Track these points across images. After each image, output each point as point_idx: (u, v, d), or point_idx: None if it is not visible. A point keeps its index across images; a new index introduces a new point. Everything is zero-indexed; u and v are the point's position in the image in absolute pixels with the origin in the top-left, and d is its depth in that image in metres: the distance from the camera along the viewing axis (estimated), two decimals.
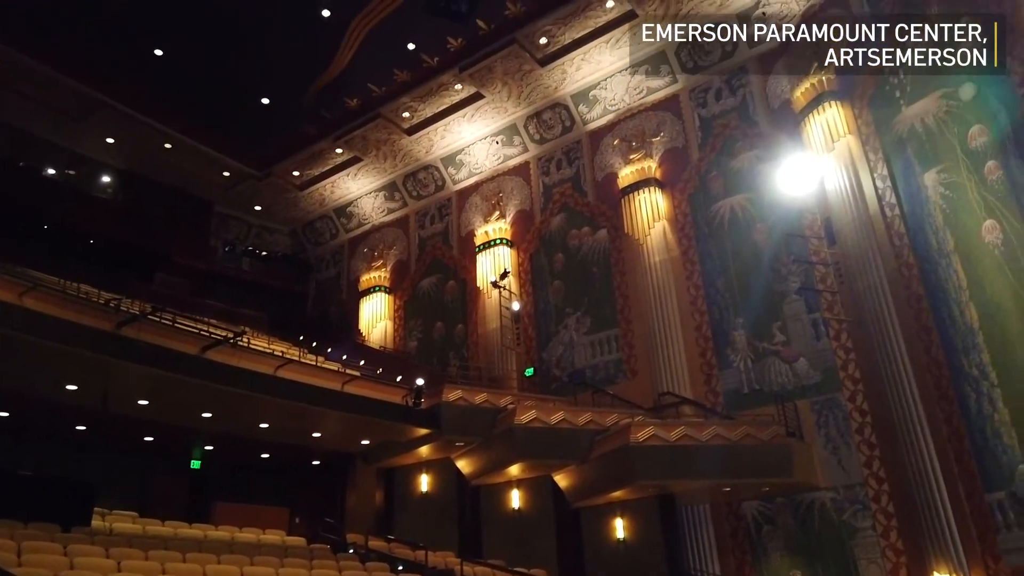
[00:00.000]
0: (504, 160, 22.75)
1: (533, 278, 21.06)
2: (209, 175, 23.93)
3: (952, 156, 12.82)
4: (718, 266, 17.51)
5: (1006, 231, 11.72)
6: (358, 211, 25.74)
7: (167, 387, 13.19)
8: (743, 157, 17.85)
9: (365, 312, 24.13)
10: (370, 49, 19.44)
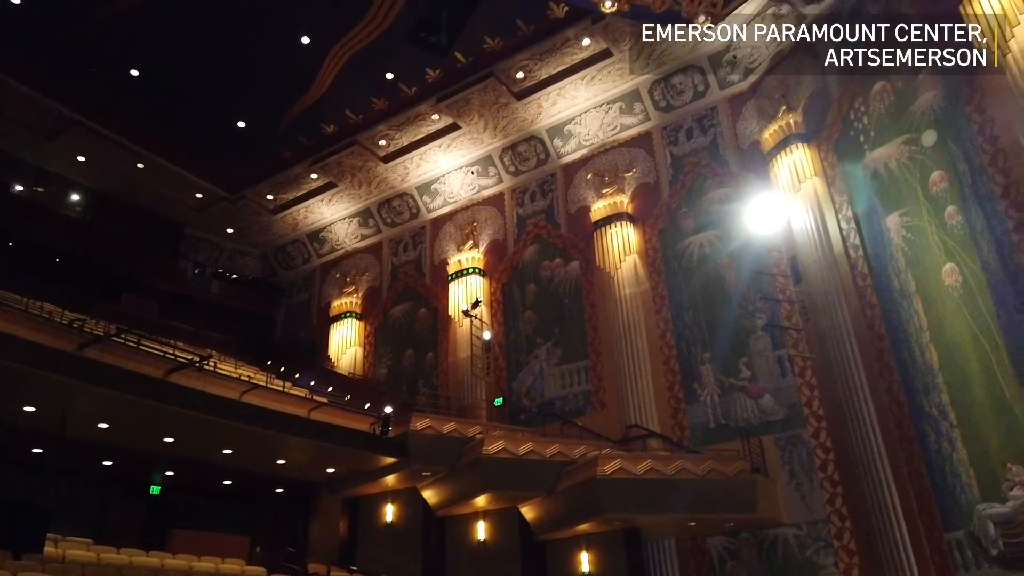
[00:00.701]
0: (479, 190, 22.93)
1: (505, 308, 21.13)
2: (181, 196, 23.78)
3: (914, 200, 13.21)
4: (687, 301, 17.74)
5: (965, 275, 12.06)
6: (331, 236, 25.70)
7: (129, 411, 12.91)
8: (713, 195, 18.21)
9: (335, 338, 23.97)
10: (349, 76, 19.57)
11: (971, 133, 12.24)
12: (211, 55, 18.51)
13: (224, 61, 18.74)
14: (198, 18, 17.43)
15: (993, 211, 11.71)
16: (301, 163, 23.03)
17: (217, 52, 18.46)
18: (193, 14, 17.29)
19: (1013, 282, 11.24)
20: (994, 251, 11.59)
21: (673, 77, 19.11)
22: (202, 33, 17.84)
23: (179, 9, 17.09)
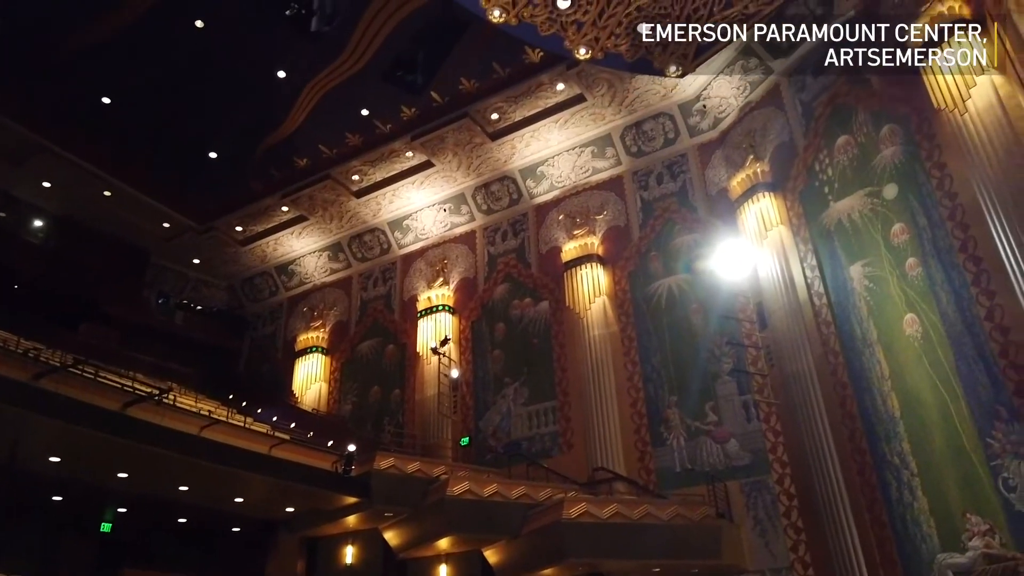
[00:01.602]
0: (451, 228, 22.99)
1: (474, 346, 21.04)
2: (148, 225, 23.45)
3: (876, 251, 13.53)
4: (655, 344, 17.84)
5: (925, 325, 12.33)
6: (300, 270, 25.49)
7: (83, 444, 12.53)
8: (681, 239, 18.47)
9: (300, 372, 23.62)
10: (323, 111, 19.61)
11: (931, 188, 12.66)
12: (186, 85, 18.44)
13: (199, 91, 18.67)
14: (174, 48, 17.41)
15: (952, 264, 12.05)
16: (272, 195, 22.92)
17: (192, 82, 18.39)
18: (170, 44, 17.27)
19: (971, 334, 11.53)
20: (953, 303, 11.90)
21: (644, 123, 19.50)
22: (178, 63, 17.80)
23: (156, 38, 17.02)
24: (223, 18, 16.80)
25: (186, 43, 17.25)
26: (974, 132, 11.49)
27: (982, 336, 11.30)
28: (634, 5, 13.07)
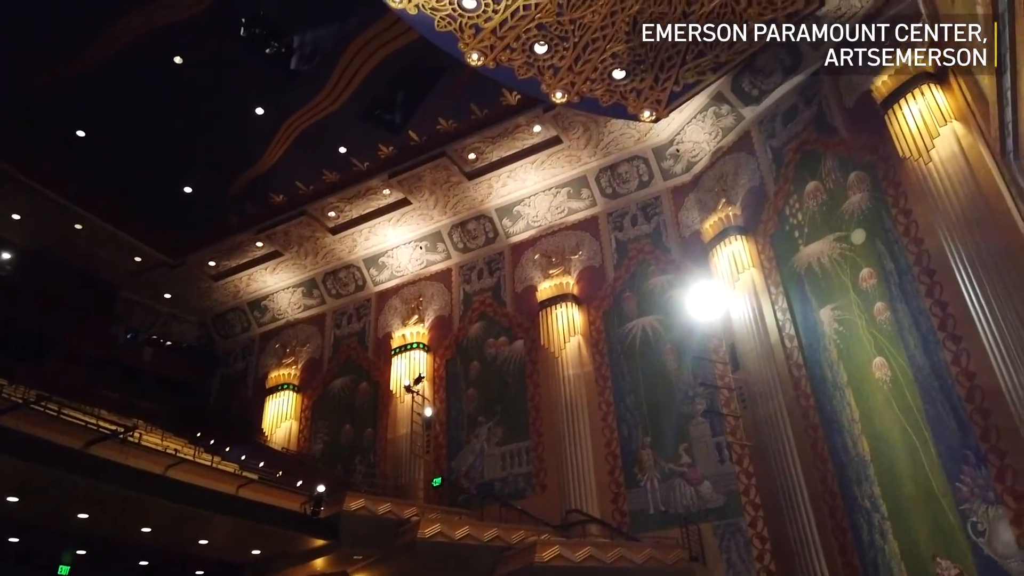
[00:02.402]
0: (427, 265, 22.99)
1: (448, 385, 20.91)
2: (119, 259, 23.17)
3: (845, 295, 13.76)
4: (629, 384, 17.86)
5: (893, 369, 12.51)
6: (273, 305, 25.26)
7: (44, 484, 12.14)
8: (655, 280, 18.64)
9: (270, 410, 23.24)
10: (301, 148, 19.65)
11: (897, 234, 12.95)
12: (163, 120, 18.43)
13: (176, 126, 18.66)
14: (153, 83, 17.43)
15: (919, 309, 12.29)
16: (247, 231, 22.81)
17: (170, 117, 18.39)
18: (148, 79, 17.28)
19: (939, 378, 11.71)
20: (920, 347, 12.11)
21: (619, 166, 19.81)
22: (156, 98, 17.79)
23: (134, 73, 17.03)
24: (202, 55, 16.87)
25: (164, 78, 17.27)
26: (938, 180, 11.82)
27: (949, 380, 11.48)
28: (609, 52, 13.36)
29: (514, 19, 12.74)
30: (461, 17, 12.65)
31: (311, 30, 16.64)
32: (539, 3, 12.45)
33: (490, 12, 12.63)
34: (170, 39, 16.37)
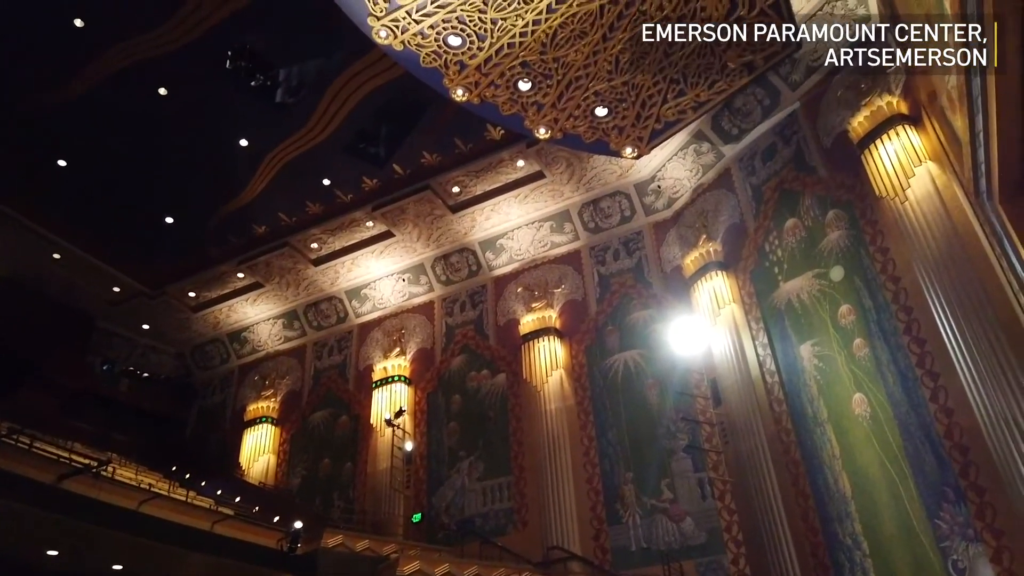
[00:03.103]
0: (409, 297, 22.94)
1: (429, 418, 20.74)
2: (97, 289, 22.90)
3: (824, 331, 13.89)
4: (611, 419, 17.80)
5: (873, 405, 12.59)
6: (253, 337, 25.02)
7: (13, 520, 11.84)
8: (637, 315, 18.70)
9: (248, 444, 22.87)
10: (284, 180, 19.66)
11: (875, 272, 13.13)
12: (147, 150, 18.39)
13: (159, 157, 18.63)
14: (137, 113, 17.42)
15: (897, 345, 12.41)
16: (228, 262, 22.67)
17: (153, 148, 18.36)
18: (133, 109, 17.28)
19: (917, 414, 11.79)
20: (899, 384, 12.20)
21: (602, 201, 19.99)
22: (139, 128, 17.78)
23: (119, 103, 17.03)
24: (187, 86, 16.92)
25: (149, 109, 17.28)
26: (914, 219, 12.02)
27: (928, 417, 11.56)
28: (591, 90, 13.53)
29: (498, 56, 12.89)
30: (446, 54, 12.79)
31: (297, 64, 16.76)
32: (523, 41, 12.63)
33: (475, 49, 12.78)
34: (155, 70, 16.43)
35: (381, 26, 12.06)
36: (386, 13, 11.95)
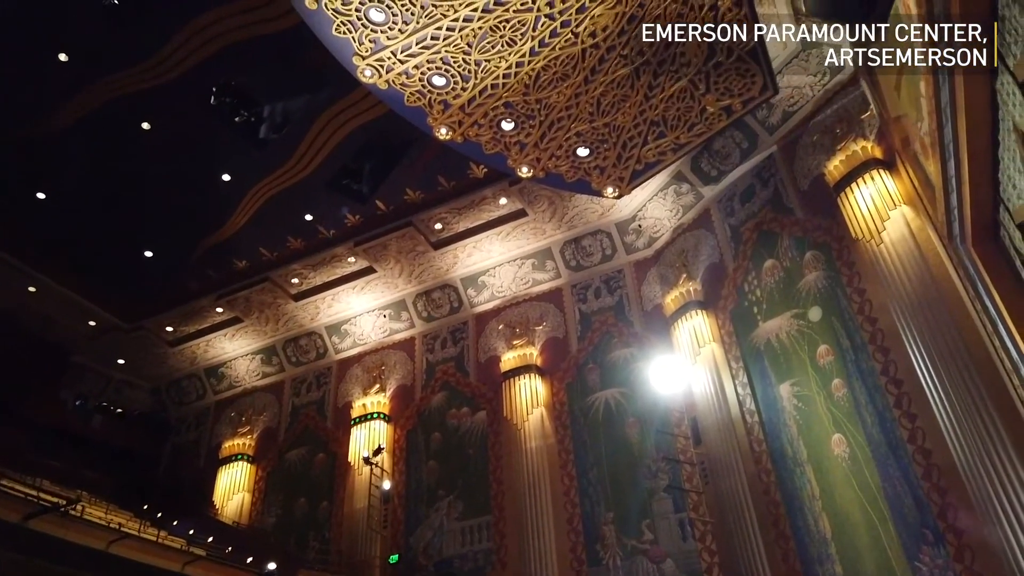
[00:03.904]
0: (390, 334, 22.82)
1: (408, 456, 20.48)
2: (72, 323, 22.55)
3: (803, 371, 13.97)
4: (592, 458, 17.69)
5: (852, 446, 12.63)
6: (231, 373, 24.70)
7: None
8: (618, 353, 18.72)
9: (222, 481, 22.41)
10: (266, 214, 19.63)
11: (852, 312, 13.29)
12: (128, 184, 18.30)
13: (141, 190, 18.53)
14: (120, 147, 17.38)
15: (875, 386, 12.51)
16: (207, 296, 22.48)
17: (135, 181, 18.27)
18: (116, 143, 17.23)
19: (896, 456, 11.84)
20: (877, 424, 12.27)
21: (583, 239, 20.15)
22: (122, 162, 17.72)
23: (102, 137, 16.97)
24: (171, 121, 16.94)
25: (131, 143, 17.25)
26: (889, 262, 12.23)
27: (906, 459, 11.61)
28: (573, 131, 13.73)
29: (482, 97, 13.07)
30: (431, 93, 12.94)
31: (282, 100, 16.86)
32: (506, 83, 12.82)
33: (459, 89, 12.94)
34: (139, 104, 16.43)
35: (366, 65, 12.20)
36: (371, 53, 12.10)
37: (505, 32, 11.94)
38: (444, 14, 11.61)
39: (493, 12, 11.62)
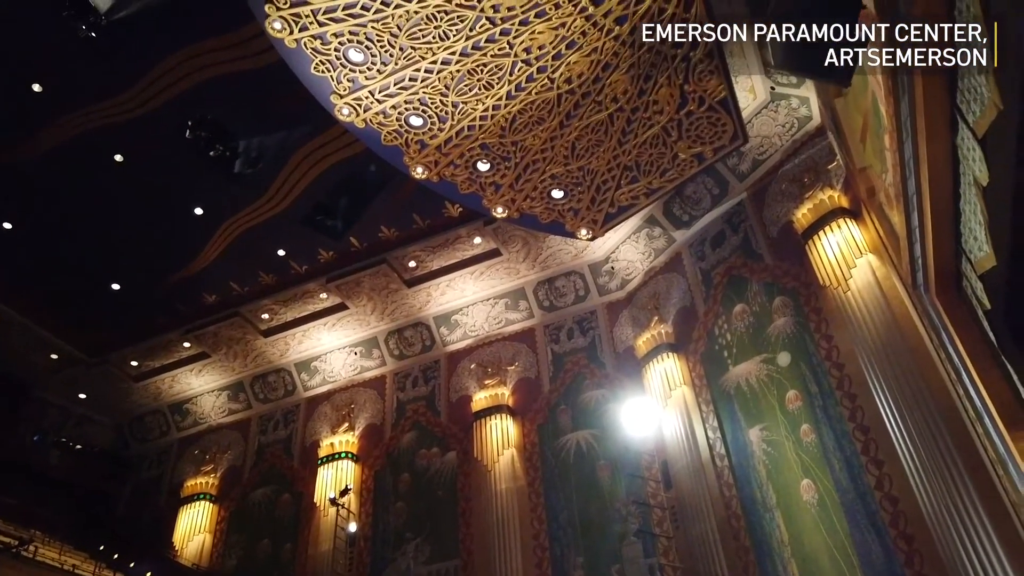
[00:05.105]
0: (361, 371, 22.58)
1: (376, 497, 20.09)
2: (34, 356, 22.01)
3: (772, 416, 14.05)
4: (563, 500, 17.51)
5: (820, 492, 12.67)
6: (195, 409, 24.20)
7: None
8: (590, 394, 18.69)
9: (183, 522, 21.75)
10: (238, 249, 19.48)
11: (820, 358, 13.44)
12: (98, 216, 18.08)
13: (111, 223, 18.32)
14: (90, 178, 17.22)
15: (842, 432, 12.60)
16: (175, 330, 22.11)
17: (105, 214, 18.06)
18: (87, 174, 17.07)
19: (863, 502, 11.89)
20: (845, 471, 12.33)
21: (557, 280, 20.26)
22: (92, 194, 17.53)
23: (73, 168, 16.82)
24: (144, 153, 16.84)
25: (103, 175, 17.09)
26: (856, 309, 12.43)
27: (874, 505, 11.67)
28: (548, 173, 13.91)
29: (459, 138, 13.22)
30: (408, 133, 13.07)
31: (258, 136, 16.87)
32: (483, 125, 12.99)
33: (436, 130, 13.09)
34: (113, 136, 16.33)
35: (344, 104, 12.32)
36: (349, 92, 12.21)
37: (482, 76, 12.15)
38: (423, 56, 11.79)
39: (471, 56, 11.83)
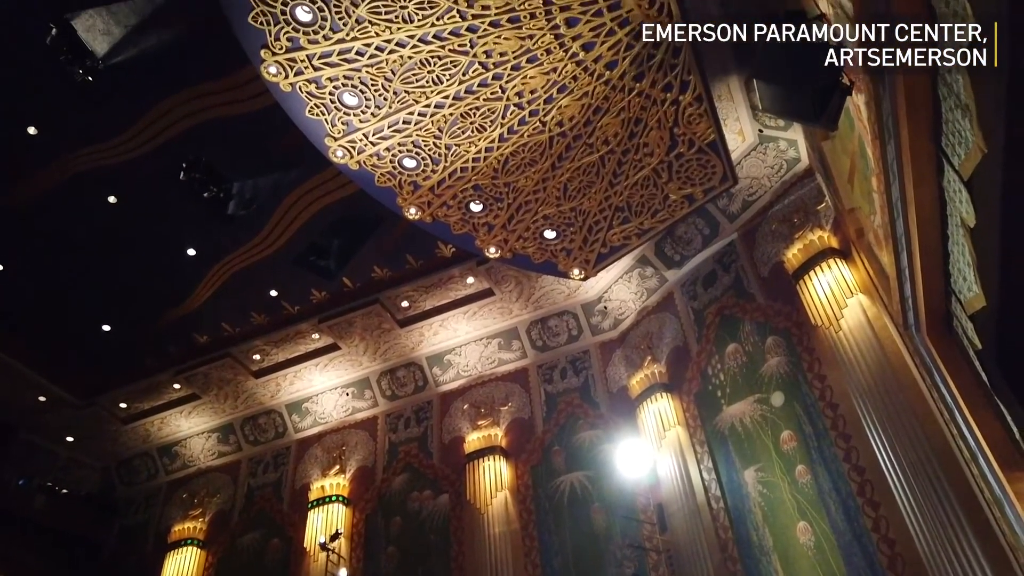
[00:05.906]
0: (352, 412, 22.39)
1: (367, 542, 19.75)
2: (22, 397, 21.75)
3: (767, 457, 13.95)
4: (557, 544, 17.25)
5: (816, 534, 12.52)
6: (185, 452, 23.89)
7: None
8: (584, 435, 18.55)
9: (169, 568, 21.26)
10: (230, 290, 19.46)
11: (813, 398, 13.41)
12: (89, 257, 18.07)
13: (102, 264, 18.30)
14: (83, 219, 17.24)
15: (838, 473, 12.51)
16: (166, 371, 21.92)
17: (96, 254, 18.05)
18: (79, 215, 17.10)
19: (860, 544, 11.75)
20: (842, 512, 12.21)
21: (550, 319, 20.26)
22: (85, 235, 17.54)
23: (65, 209, 16.85)
24: (137, 195, 16.91)
25: (96, 216, 17.14)
26: (848, 348, 12.44)
27: (871, 548, 11.52)
28: (541, 214, 14.03)
29: (451, 179, 13.35)
30: (401, 175, 13.19)
31: (252, 177, 16.99)
32: (476, 166, 13.13)
33: (429, 172, 13.22)
34: (107, 178, 16.41)
35: (338, 146, 12.45)
36: (343, 134, 12.36)
37: (475, 119, 12.32)
38: (416, 100, 11.96)
39: (464, 100, 12.01)
